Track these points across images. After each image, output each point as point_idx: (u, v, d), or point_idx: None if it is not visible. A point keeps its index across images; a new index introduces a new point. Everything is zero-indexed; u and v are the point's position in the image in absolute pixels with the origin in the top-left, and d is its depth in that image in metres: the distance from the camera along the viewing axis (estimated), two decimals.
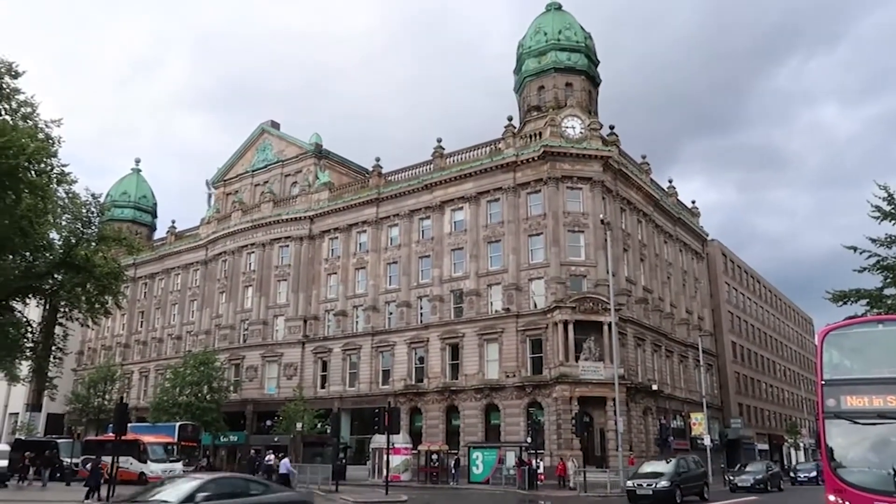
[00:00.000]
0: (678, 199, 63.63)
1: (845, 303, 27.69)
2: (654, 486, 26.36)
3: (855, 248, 28.05)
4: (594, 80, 54.68)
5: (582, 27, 54.40)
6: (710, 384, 59.03)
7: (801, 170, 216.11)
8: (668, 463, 28.64)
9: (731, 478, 37.61)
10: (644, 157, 57.30)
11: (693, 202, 68.59)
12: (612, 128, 51.32)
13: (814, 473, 46.63)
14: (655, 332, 51.64)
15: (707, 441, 45.70)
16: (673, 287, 57.70)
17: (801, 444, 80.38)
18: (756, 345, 77.12)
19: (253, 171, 67.00)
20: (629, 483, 27.52)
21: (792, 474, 48.03)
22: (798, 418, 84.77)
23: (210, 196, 70.19)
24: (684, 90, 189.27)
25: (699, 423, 48.65)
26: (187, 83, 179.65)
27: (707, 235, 68.89)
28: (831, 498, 12.80)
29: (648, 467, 29.05)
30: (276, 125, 68.51)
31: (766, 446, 72.62)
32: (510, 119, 50.81)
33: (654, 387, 47.90)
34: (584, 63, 53.11)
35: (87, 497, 24.90)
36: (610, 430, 40.18)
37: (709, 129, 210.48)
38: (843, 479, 12.67)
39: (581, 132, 47.87)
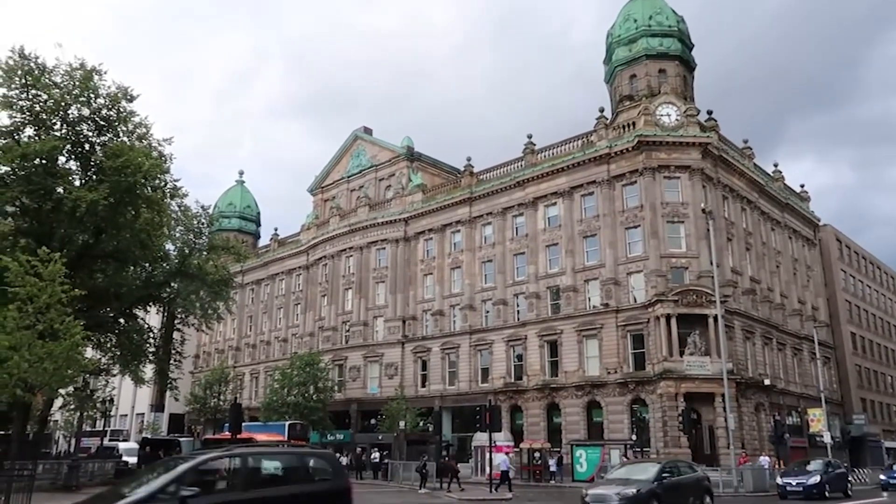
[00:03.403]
0: (785, 184, 60.37)
1: None
2: None
3: None
4: (689, 65, 52.73)
5: (674, 11, 52.56)
6: (828, 378, 55.70)
7: None
8: None
9: (780, 480, 29.48)
10: (746, 142, 54.82)
11: (802, 186, 64.98)
12: (710, 113, 49.34)
13: None
14: (765, 324, 49.22)
15: (827, 438, 43.22)
16: (783, 276, 54.81)
17: None
18: (879, 335, 72.02)
19: (348, 176, 68.92)
20: None
21: (882, 477, 38.30)
22: None
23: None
24: (791, 65, 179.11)
25: (817, 419, 46.08)
26: (283, 91, 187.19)
27: (819, 220, 64.97)
28: None
29: None
30: (368, 131, 70.18)
31: (895, 444, 67.72)
32: (602, 110, 49.81)
33: (766, 381, 45.65)
34: (678, 48, 51.31)
35: None
36: (720, 428, 38.66)
37: (818, 105, 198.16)
38: None
39: (677, 119, 46.29)
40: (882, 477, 37.99)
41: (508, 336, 50.35)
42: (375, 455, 46.05)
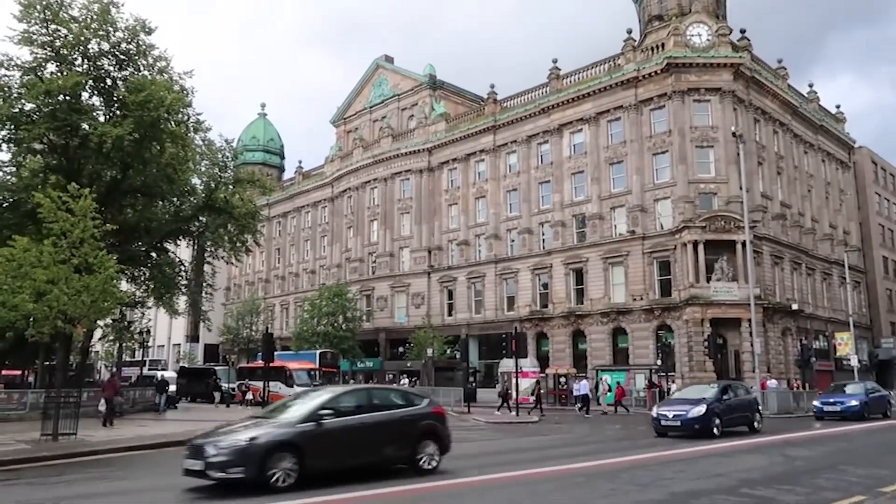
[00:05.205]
0: (820, 105, 58.40)
1: None
2: None
3: None
4: None
5: None
6: (857, 302, 55.35)
7: None
8: None
9: (656, 411, 21.33)
10: (780, 62, 52.86)
11: (838, 106, 62.78)
12: (742, 32, 47.48)
13: (854, 403, 27.59)
14: (795, 250, 48.66)
15: (854, 362, 43.36)
16: (814, 201, 53.76)
17: None
18: None
19: (371, 107, 68.16)
20: None
21: (816, 403, 29.52)
22: None
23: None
24: None
25: (845, 343, 46.16)
26: (303, 20, 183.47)
27: (854, 142, 63.06)
28: None
29: None
30: (390, 59, 68.89)
31: None
32: (629, 32, 48.17)
33: (794, 306, 45.51)
34: None
35: None
36: (745, 352, 38.90)
37: (858, 20, 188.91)
38: None
39: (708, 39, 44.65)
40: (816, 403, 29.40)
41: (534, 265, 50.51)
42: (405, 381, 47.32)
